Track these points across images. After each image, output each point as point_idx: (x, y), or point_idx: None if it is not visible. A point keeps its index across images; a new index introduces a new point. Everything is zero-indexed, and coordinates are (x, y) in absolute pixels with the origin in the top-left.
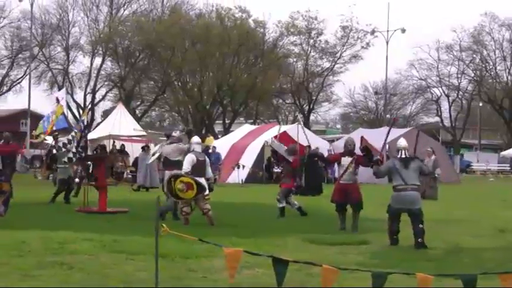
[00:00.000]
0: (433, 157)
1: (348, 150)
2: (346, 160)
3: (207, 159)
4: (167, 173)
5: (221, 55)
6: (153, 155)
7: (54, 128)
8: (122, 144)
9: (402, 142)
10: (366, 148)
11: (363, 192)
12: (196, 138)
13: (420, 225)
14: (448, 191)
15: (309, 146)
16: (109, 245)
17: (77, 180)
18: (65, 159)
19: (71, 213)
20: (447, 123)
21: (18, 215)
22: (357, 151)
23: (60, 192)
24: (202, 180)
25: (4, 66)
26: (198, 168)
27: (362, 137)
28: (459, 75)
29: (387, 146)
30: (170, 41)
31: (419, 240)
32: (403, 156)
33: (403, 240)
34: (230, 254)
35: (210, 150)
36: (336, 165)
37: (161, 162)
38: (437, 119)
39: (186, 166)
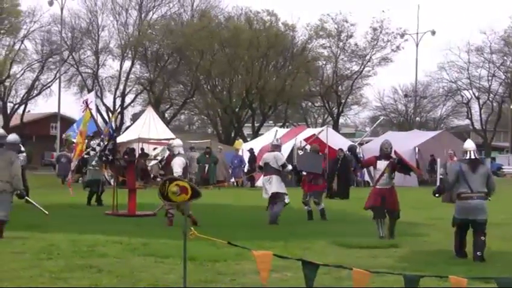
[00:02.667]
0: (455, 159)
1: (385, 154)
2: (382, 164)
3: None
4: (264, 179)
5: (250, 58)
6: (155, 157)
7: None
8: (142, 148)
9: (469, 143)
10: (401, 160)
11: None
12: (178, 141)
13: (483, 237)
14: None
15: (341, 149)
16: (138, 248)
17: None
18: (93, 163)
19: (100, 217)
20: (477, 125)
21: (48, 218)
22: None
23: (93, 194)
24: None
25: (34, 70)
26: (186, 172)
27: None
28: (489, 78)
29: (416, 149)
30: (199, 44)
31: (478, 253)
32: (472, 157)
33: (432, 244)
34: (260, 256)
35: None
36: (365, 168)
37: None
38: (467, 121)
39: (178, 170)
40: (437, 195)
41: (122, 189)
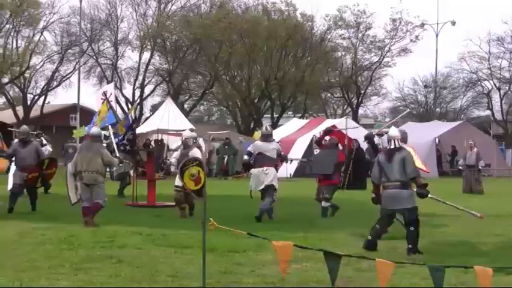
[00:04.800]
0: (475, 150)
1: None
2: None
3: None
4: (257, 170)
5: (269, 49)
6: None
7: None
8: (161, 139)
9: (392, 132)
10: None
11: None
12: (188, 132)
13: (412, 228)
14: (499, 185)
15: (355, 140)
16: (157, 239)
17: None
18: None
19: (120, 208)
20: (498, 116)
21: (69, 209)
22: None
23: (126, 186)
24: None
25: (54, 61)
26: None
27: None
28: (511, 68)
29: (437, 140)
30: (218, 35)
31: (409, 246)
32: (391, 146)
33: (452, 235)
34: (280, 247)
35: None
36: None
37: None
38: (488, 112)
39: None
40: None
41: (142, 180)
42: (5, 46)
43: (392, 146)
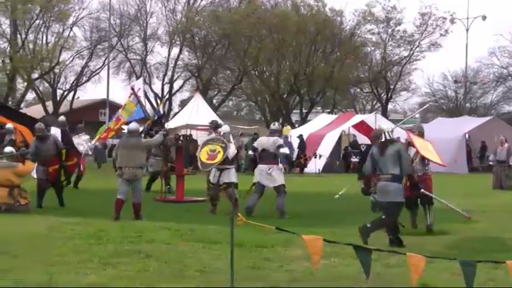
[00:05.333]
0: (506, 145)
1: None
2: (412, 151)
3: None
4: (262, 167)
5: (298, 44)
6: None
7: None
8: (190, 134)
9: (383, 125)
10: None
11: (442, 182)
12: (227, 127)
13: (383, 216)
14: None
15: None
16: (186, 234)
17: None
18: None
19: (149, 203)
20: None
21: (98, 204)
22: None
23: (154, 181)
24: None
25: (83, 56)
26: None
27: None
28: None
29: (467, 135)
30: (247, 30)
31: (369, 225)
32: (382, 139)
33: (482, 232)
34: (310, 241)
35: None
36: None
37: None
38: None
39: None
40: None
41: (171, 175)
42: (35, 42)
43: (383, 139)
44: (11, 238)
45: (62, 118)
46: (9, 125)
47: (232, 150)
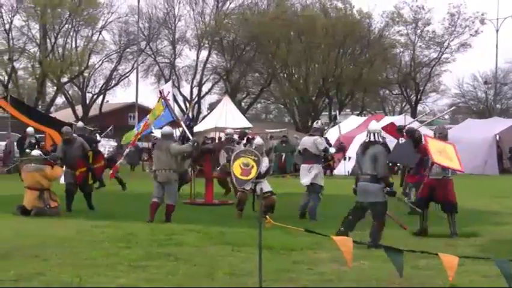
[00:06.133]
0: None
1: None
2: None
3: None
4: (304, 166)
5: (326, 46)
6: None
7: (152, 127)
8: (219, 137)
9: (371, 125)
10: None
11: (472, 184)
12: (260, 140)
13: (375, 223)
14: None
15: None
16: (215, 237)
17: None
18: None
19: (178, 205)
20: None
21: (128, 207)
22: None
23: (182, 184)
24: None
25: (113, 60)
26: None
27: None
28: None
29: (497, 136)
30: (276, 33)
31: (369, 240)
32: (367, 140)
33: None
34: (340, 241)
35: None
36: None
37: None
38: None
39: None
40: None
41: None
42: (64, 46)
43: (367, 140)
44: (42, 241)
45: (80, 124)
46: (30, 128)
47: (265, 164)
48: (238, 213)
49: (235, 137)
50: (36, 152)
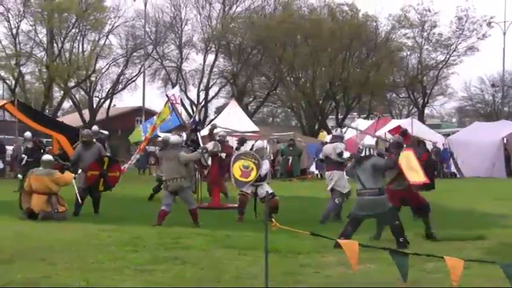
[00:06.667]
0: None
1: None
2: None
3: None
4: (327, 174)
5: (333, 50)
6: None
7: (158, 131)
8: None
9: (366, 140)
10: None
11: (479, 187)
12: (261, 143)
13: (394, 227)
14: None
15: (422, 141)
16: (221, 240)
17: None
18: None
19: (184, 209)
20: None
21: (134, 211)
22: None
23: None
24: None
25: (119, 64)
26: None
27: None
28: None
29: (505, 139)
30: (282, 36)
31: (400, 239)
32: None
33: None
34: (346, 245)
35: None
36: (451, 160)
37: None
38: None
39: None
40: None
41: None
42: (71, 50)
43: (363, 154)
44: (49, 245)
45: (95, 128)
46: (28, 133)
47: (265, 167)
48: (239, 217)
49: (229, 139)
50: (46, 157)
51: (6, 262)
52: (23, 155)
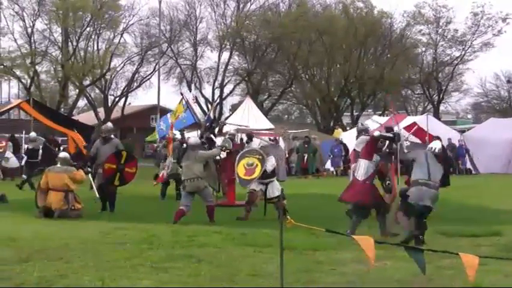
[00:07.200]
0: None
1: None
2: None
3: None
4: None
5: (348, 47)
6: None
7: (175, 129)
8: (241, 138)
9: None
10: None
11: (494, 183)
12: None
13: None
14: None
15: (438, 137)
16: (237, 238)
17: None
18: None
19: (199, 207)
20: None
21: (150, 209)
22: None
23: (168, 184)
24: None
25: (134, 63)
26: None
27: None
28: None
29: None
30: (297, 34)
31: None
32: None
33: None
34: (362, 241)
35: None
36: (466, 156)
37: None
38: None
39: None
40: None
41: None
42: (86, 49)
43: (441, 148)
44: (65, 243)
45: (110, 124)
46: (33, 134)
47: (271, 163)
48: (245, 214)
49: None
50: (63, 154)
51: (24, 261)
52: (23, 155)
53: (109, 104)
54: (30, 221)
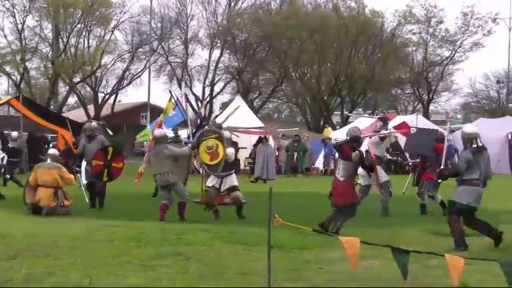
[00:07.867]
0: None
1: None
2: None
3: None
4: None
5: (339, 46)
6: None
7: (167, 127)
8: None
9: (468, 128)
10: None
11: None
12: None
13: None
14: None
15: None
16: (225, 236)
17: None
18: None
19: (188, 205)
20: None
21: (138, 207)
22: None
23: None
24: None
25: (125, 60)
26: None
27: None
28: None
29: (509, 136)
30: (288, 32)
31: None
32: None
33: None
34: (347, 242)
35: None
36: (456, 156)
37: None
38: None
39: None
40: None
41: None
42: (77, 46)
43: (481, 144)
44: (53, 241)
45: (94, 124)
46: (15, 133)
47: (230, 151)
48: (215, 215)
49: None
50: (52, 151)
51: (11, 258)
52: (4, 154)
53: (99, 101)
54: (19, 218)
